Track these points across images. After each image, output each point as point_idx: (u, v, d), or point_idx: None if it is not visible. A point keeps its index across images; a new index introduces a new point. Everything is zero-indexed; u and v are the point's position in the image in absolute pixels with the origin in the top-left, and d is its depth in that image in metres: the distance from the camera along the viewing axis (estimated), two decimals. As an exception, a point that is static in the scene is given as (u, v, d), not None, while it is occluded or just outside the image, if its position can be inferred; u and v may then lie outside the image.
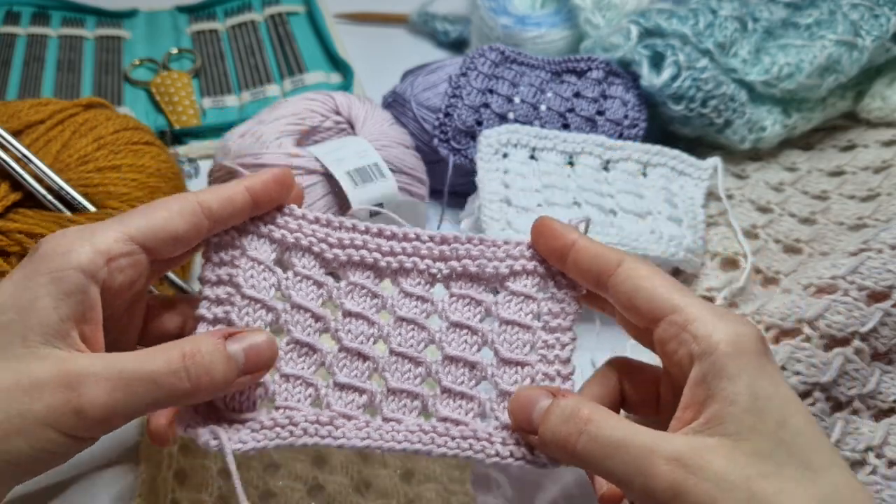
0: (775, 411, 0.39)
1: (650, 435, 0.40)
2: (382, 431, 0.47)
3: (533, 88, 0.76)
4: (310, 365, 0.49)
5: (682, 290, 0.44)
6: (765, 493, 0.37)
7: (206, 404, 0.46)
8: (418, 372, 0.49)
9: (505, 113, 0.74)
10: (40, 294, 0.41)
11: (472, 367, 0.49)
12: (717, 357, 0.40)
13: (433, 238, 0.50)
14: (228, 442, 0.44)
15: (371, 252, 0.50)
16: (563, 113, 0.75)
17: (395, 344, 0.49)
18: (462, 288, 0.50)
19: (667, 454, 0.39)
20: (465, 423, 0.48)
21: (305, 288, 0.49)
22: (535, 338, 0.49)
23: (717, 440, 0.39)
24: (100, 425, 0.41)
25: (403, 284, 0.50)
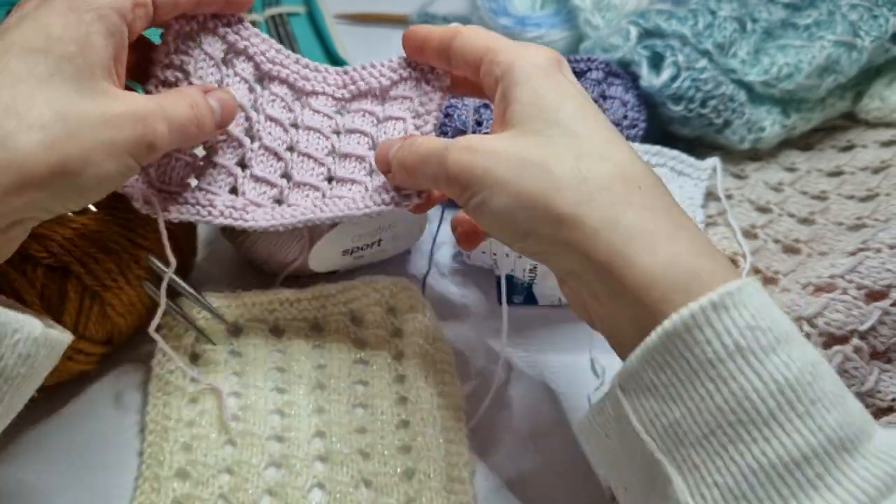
0: (553, 103, 0.47)
1: (460, 139, 0.49)
2: (284, 212, 0.58)
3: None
4: (232, 157, 0.59)
5: (498, 36, 0.52)
6: (532, 157, 0.45)
7: (142, 176, 0.56)
8: (321, 171, 0.60)
9: None
10: (92, 31, 0.45)
11: (362, 160, 0.60)
12: (512, 72, 0.48)
13: (336, 70, 0.62)
14: (159, 207, 0.56)
15: (292, 73, 0.61)
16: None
17: (302, 148, 0.61)
18: (359, 104, 0.62)
19: (460, 145, 0.48)
20: (351, 196, 0.59)
21: (241, 89, 0.59)
22: (406, 125, 0.59)
23: (504, 132, 0.48)
24: (156, 158, 0.50)
25: (313, 104, 0.62)
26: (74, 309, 0.60)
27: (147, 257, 0.62)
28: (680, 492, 0.39)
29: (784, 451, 0.37)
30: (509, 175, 0.45)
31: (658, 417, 0.40)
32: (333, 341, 0.66)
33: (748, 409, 0.38)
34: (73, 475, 0.60)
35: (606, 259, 0.42)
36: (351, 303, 0.67)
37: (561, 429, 0.64)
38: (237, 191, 0.59)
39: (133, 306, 0.63)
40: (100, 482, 0.60)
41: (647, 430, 0.41)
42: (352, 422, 0.61)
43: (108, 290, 0.60)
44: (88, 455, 0.61)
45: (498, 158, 0.46)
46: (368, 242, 0.69)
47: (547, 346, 0.69)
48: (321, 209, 0.59)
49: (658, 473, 0.40)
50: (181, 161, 0.57)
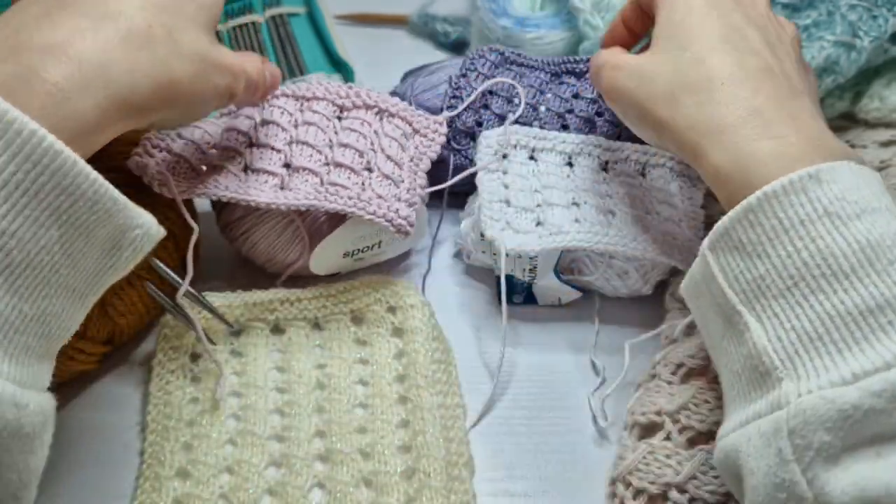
0: (684, 16, 0.54)
1: (619, 51, 0.62)
2: (287, 194, 0.63)
3: (532, 89, 0.76)
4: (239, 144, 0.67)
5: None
6: (639, 65, 0.56)
7: (164, 159, 0.64)
8: (318, 158, 0.66)
9: (504, 114, 0.74)
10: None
11: (361, 153, 0.66)
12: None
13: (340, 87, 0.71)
14: (177, 185, 0.63)
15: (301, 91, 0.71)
16: (562, 114, 0.75)
17: (300, 138, 0.67)
18: (356, 114, 0.70)
19: (615, 60, 0.59)
20: (349, 187, 0.64)
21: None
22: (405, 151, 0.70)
23: (646, 52, 0.57)
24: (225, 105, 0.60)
25: (314, 106, 0.69)
26: (75, 309, 0.59)
27: (150, 258, 0.62)
28: (757, 336, 0.43)
29: (861, 300, 0.41)
30: (630, 85, 0.56)
31: (743, 273, 0.45)
32: (334, 341, 0.66)
33: (831, 264, 0.42)
34: (74, 474, 0.60)
35: (693, 150, 0.51)
36: (351, 302, 0.67)
37: (561, 428, 0.64)
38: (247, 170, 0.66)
39: (134, 306, 0.63)
40: (100, 481, 0.60)
41: (731, 285, 0.45)
42: (352, 421, 0.61)
43: (109, 290, 0.60)
44: (89, 454, 0.61)
45: (622, 67, 0.57)
46: (369, 244, 0.69)
47: (547, 346, 0.69)
48: (326, 199, 0.63)
49: (738, 323, 0.45)
50: (198, 147, 0.66)
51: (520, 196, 0.68)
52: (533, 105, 0.75)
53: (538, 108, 0.75)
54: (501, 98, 0.75)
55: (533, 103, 0.75)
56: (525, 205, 0.68)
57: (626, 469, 0.57)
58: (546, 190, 0.69)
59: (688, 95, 0.51)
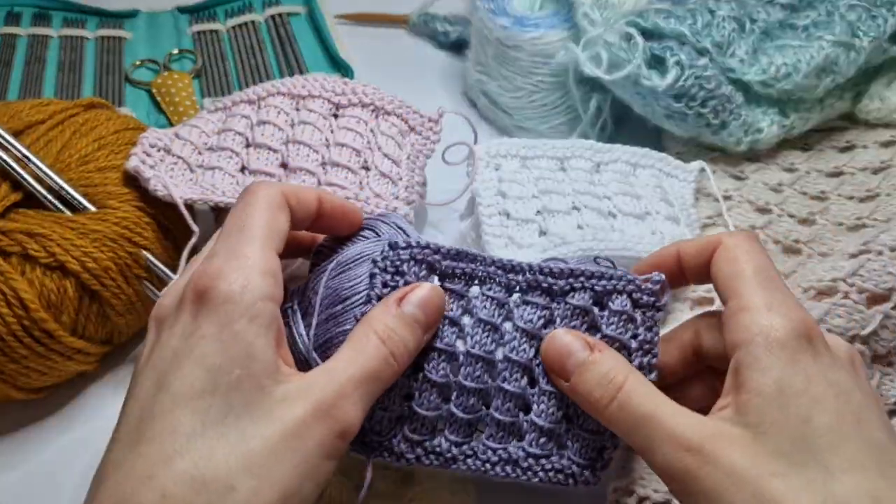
0: (802, 407, 0.39)
1: (676, 416, 0.41)
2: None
3: (482, 327, 0.48)
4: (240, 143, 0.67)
5: (754, 274, 0.44)
6: (772, 493, 0.37)
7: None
8: (315, 157, 0.66)
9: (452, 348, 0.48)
10: (250, 338, 0.40)
11: (357, 152, 0.66)
12: (752, 347, 0.41)
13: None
14: (176, 189, 0.62)
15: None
16: (528, 365, 0.48)
17: (297, 137, 0.66)
18: (352, 112, 0.67)
19: (687, 442, 0.40)
20: (347, 187, 0.64)
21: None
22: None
23: (740, 431, 0.39)
24: (353, 436, 0.42)
25: (310, 105, 0.68)
26: (73, 308, 0.59)
27: (146, 256, 0.62)
28: None
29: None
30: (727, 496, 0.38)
31: None
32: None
33: None
34: (73, 475, 0.60)
35: None
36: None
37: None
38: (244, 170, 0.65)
39: (132, 306, 0.63)
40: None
41: None
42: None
43: (107, 290, 0.60)
44: (88, 455, 0.61)
45: (732, 480, 0.38)
46: (368, 243, 0.69)
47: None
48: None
49: None
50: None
51: (518, 205, 0.67)
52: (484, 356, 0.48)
53: (494, 356, 0.48)
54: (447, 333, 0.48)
55: (486, 353, 0.48)
56: (525, 215, 0.67)
57: (629, 478, 0.56)
58: (544, 195, 0.68)
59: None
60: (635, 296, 0.48)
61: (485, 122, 0.90)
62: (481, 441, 0.48)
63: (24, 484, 0.60)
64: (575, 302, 0.48)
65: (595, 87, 0.82)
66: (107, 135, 0.67)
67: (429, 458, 0.47)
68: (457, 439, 0.47)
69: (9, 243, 0.58)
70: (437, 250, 0.47)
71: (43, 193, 0.62)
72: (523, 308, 0.48)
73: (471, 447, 0.47)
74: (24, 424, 0.63)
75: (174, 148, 0.66)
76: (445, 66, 0.98)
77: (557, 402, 0.47)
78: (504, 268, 0.49)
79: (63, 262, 0.58)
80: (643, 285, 0.48)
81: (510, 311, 0.48)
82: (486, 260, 0.48)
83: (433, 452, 0.47)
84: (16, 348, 0.57)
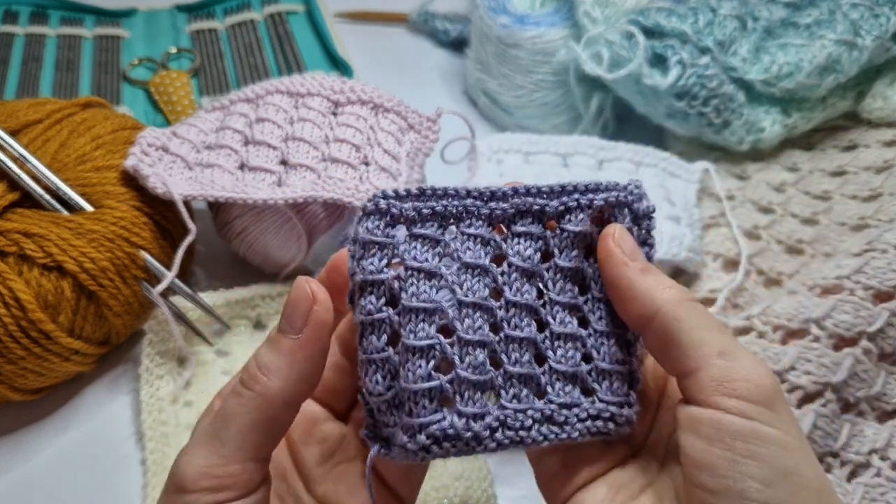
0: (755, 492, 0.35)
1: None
2: (285, 190, 0.62)
3: (471, 272, 0.40)
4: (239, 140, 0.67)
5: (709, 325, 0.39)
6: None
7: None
8: (315, 154, 0.66)
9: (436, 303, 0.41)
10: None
11: (357, 148, 0.66)
12: (695, 421, 0.37)
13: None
14: (175, 186, 0.62)
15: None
16: (532, 305, 0.41)
17: (296, 134, 0.67)
18: (351, 109, 0.68)
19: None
20: (347, 181, 0.63)
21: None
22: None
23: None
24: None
25: (309, 103, 0.68)
26: (70, 309, 0.59)
27: (144, 256, 0.62)
28: None
29: None
30: None
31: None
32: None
33: None
34: (70, 476, 0.59)
35: None
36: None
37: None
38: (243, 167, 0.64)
39: (130, 306, 0.62)
40: (98, 483, 0.59)
41: None
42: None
43: (105, 290, 0.60)
44: (87, 456, 0.61)
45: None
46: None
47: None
48: (322, 187, 0.62)
49: None
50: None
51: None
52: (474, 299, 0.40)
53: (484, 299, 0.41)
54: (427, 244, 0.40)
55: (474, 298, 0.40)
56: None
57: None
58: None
59: None
60: (635, 206, 0.42)
61: (485, 121, 0.89)
62: (503, 408, 0.39)
63: (22, 484, 0.59)
64: (573, 228, 0.41)
65: (596, 86, 0.81)
66: (104, 134, 0.67)
67: (442, 447, 0.37)
68: (472, 411, 0.38)
69: (6, 243, 0.58)
70: (397, 194, 0.39)
71: (40, 193, 0.62)
72: (515, 241, 0.41)
73: (495, 417, 0.38)
74: (22, 426, 0.62)
75: (172, 146, 0.65)
76: (445, 65, 0.97)
77: (573, 342, 0.40)
78: (482, 197, 0.40)
79: (60, 262, 0.58)
80: (637, 191, 0.42)
81: (498, 246, 0.40)
82: (461, 192, 0.40)
83: (448, 438, 0.37)
84: (13, 349, 0.57)
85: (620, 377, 0.41)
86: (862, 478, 0.54)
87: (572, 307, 0.41)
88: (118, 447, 0.61)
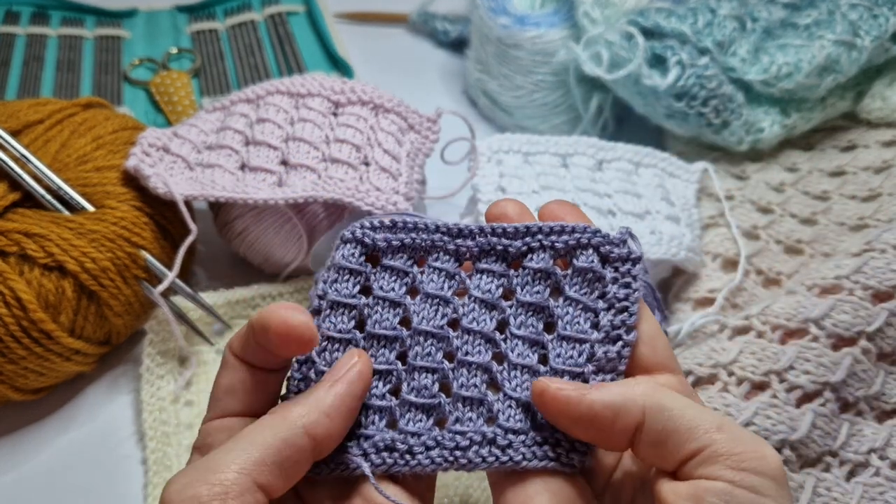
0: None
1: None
2: (286, 189, 0.63)
3: (430, 302, 0.42)
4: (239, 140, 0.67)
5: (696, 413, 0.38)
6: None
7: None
8: (315, 154, 0.66)
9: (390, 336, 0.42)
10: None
11: (357, 148, 0.66)
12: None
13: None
14: (176, 186, 0.62)
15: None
16: (490, 336, 0.42)
17: (297, 134, 0.67)
18: (351, 109, 0.68)
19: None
20: (347, 181, 0.63)
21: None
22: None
23: None
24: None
25: (309, 103, 0.68)
26: (71, 309, 0.59)
27: (144, 256, 0.62)
28: None
29: None
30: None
31: None
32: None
33: None
34: (71, 475, 0.59)
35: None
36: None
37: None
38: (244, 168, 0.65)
39: (130, 306, 0.62)
40: (99, 483, 0.59)
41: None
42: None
43: (106, 290, 0.60)
44: (87, 456, 0.61)
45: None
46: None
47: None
48: (322, 188, 0.62)
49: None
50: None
51: (518, 199, 0.67)
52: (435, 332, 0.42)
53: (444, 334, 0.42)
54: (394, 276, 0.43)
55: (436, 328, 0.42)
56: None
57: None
58: (545, 191, 0.68)
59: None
60: (603, 249, 0.41)
61: (485, 121, 0.89)
62: (447, 429, 0.40)
63: (22, 484, 0.59)
64: (534, 265, 0.42)
65: (596, 87, 0.81)
66: (105, 134, 0.67)
67: (380, 456, 0.39)
68: (412, 430, 0.40)
69: (7, 243, 0.58)
70: (372, 225, 0.42)
71: (41, 193, 0.62)
72: (478, 277, 0.42)
73: (432, 437, 0.40)
74: (23, 425, 0.62)
75: (173, 147, 0.65)
76: (445, 65, 0.98)
77: (531, 374, 0.41)
78: (451, 233, 0.42)
79: (61, 262, 0.58)
80: (611, 235, 0.42)
81: (462, 281, 0.42)
82: (430, 227, 0.42)
83: (386, 448, 0.40)
84: (14, 349, 0.57)
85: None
86: (861, 477, 0.54)
87: (534, 342, 0.42)
88: (119, 447, 0.61)
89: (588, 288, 0.42)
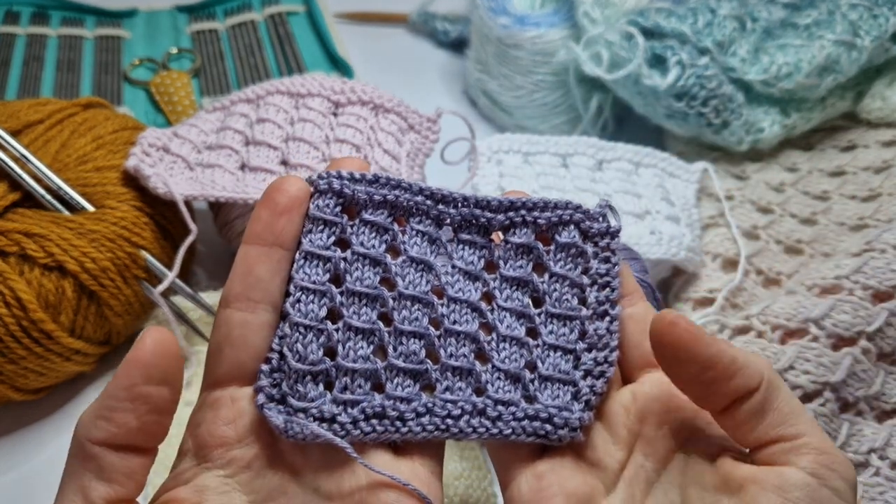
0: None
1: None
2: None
3: (414, 266, 0.41)
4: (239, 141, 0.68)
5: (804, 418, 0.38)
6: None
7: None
8: (315, 154, 0.66)
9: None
10: None
11: (357, 148, 0.66)
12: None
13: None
14: (176, 186, 0.62)
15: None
16: (476, 305, 0.41)
17: (297, 134, 0.67)
18: (351, 109, 0.69)
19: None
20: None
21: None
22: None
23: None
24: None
25: (309, 103, 0.69)
26: (72, 309, 0.59)
27: (144, 256, 0.62)
28: None
29: None
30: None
31: None
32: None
33: None
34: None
35: None
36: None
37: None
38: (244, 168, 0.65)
39: (130, 306, 0.62)
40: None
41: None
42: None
43: (106, 290, 0.60)
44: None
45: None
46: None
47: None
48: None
49: None
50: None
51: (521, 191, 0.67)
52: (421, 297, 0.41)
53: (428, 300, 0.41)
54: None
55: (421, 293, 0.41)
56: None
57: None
58: (545, 191, 0.68)
59: None
60: (583, 225, 0.42)
61: (485, 121, 0.89)
62: (437, 397, 0.40)
63: (22, 484, 0.59)
64: (516, 240, 0.42)
65: (596, 87, 0.81)
66: (105, 134, 0.67)
67: (370, 423, 0.38)
68: (402, 395, 0.39)
69: (7, 243, 0.58)
70: (352, 176, 0.40)
71: (41, 193, 0.62)
72: (460, 247, 0.42)
73: (423, 403, 0.39)
74: (23, 426, 0.62)
75: (173, 147, 0.66)
76: (445, 65, 0.98)
77: (519, 347, 0.41)
78: (433, 197, 0.41)
79: (61, 262, 0.58)
80: (590, 211, 0.42)
81: (444, 246, 0.41)
82: (413, 187, 0.41)
83: (375, 416, 0.38)
84: (14, 349, 0.57)
85: (563, 386, 0.41)
86: (861, 477, 0.54)
87: (521, 315, 0.41)
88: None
89: (572, 264, 0.42)
